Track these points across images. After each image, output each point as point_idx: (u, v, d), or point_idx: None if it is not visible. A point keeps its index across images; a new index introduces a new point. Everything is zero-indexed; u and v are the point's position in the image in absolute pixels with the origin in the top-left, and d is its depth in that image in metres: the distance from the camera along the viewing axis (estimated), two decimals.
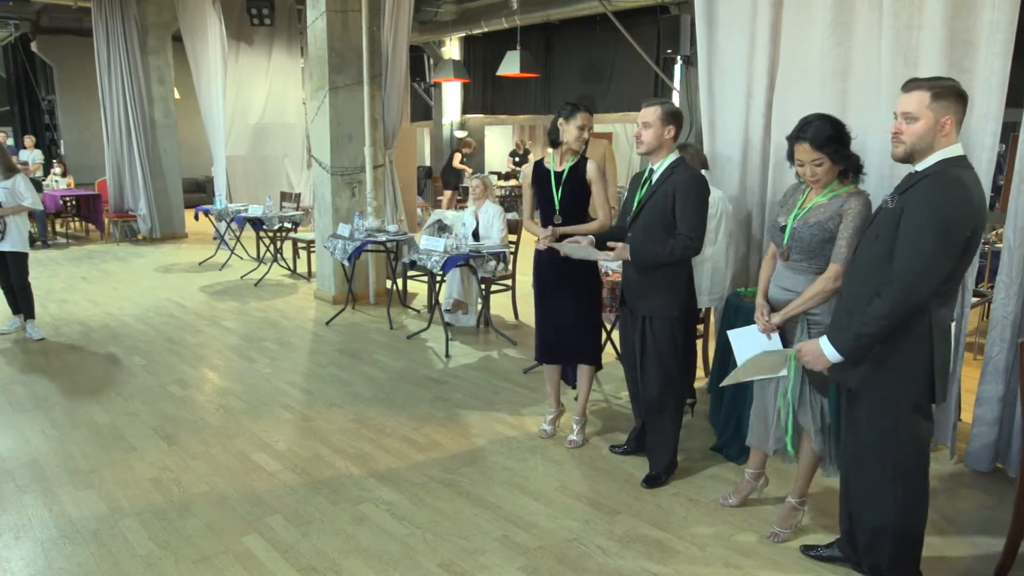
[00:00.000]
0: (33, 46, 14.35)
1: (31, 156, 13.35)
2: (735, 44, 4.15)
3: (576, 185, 3.81)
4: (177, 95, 11.80)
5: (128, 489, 3.62)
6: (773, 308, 3.08)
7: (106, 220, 11.65)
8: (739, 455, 3.86)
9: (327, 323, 6.68)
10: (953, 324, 2.49)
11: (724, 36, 4.19)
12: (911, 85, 2.41)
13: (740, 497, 3.45)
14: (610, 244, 3.46)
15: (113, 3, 10.69)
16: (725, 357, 3.95)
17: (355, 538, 3.20)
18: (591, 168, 3.81)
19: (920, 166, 2.42)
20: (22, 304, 6.13)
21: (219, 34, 10.16)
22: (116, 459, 3.95)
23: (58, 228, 12.07)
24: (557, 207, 3.84)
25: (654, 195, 3.39)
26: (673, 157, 3.41)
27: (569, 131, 3.75)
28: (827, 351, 2.54)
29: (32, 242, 10.88)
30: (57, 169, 12.84)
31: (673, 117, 3.36)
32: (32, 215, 10.86)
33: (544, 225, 3.87)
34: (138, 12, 10.87)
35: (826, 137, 2.78)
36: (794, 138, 2.85)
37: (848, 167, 2.84)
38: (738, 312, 3.80)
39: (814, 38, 3.83)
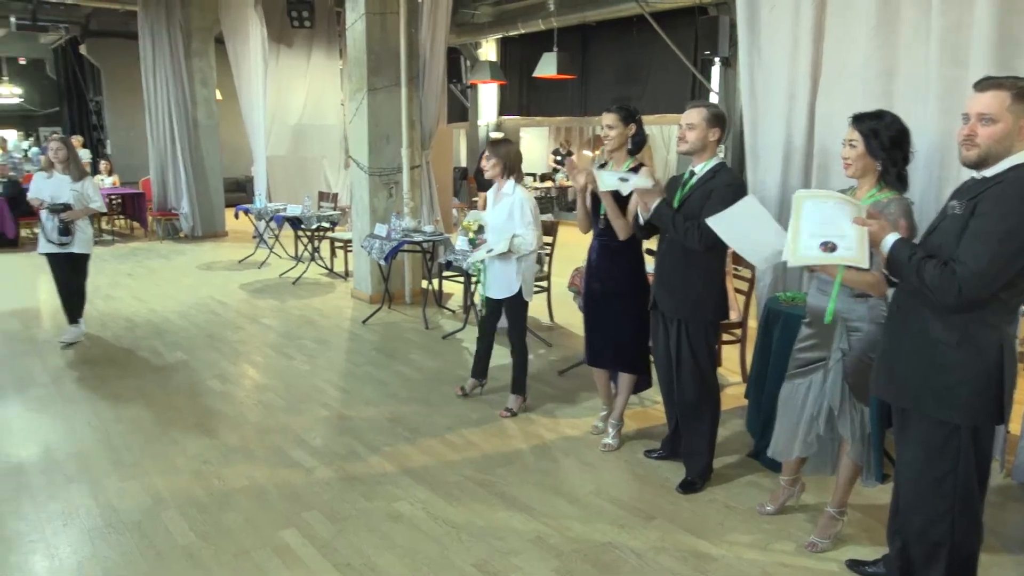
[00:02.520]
0: (82, 49, 14.70)
1: (80, 156, 13.68)
2: (777, 45, 4.10)
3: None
4: (219, 96, 11.99)
5: (170, 481, 3.68)
6: (811, 314, 3.04)
7: (150, 218, 11.89)
8: (777, 464, 3.80)
9: (363, 322, 6.73)
10: None
11: (766, 37, 4.14)
12: (987, 84, 2.25)
13: (777, 505, 3.40)
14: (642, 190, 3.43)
15: (158, 7, 10.91)
16: (763, 363, 3.91)
17: (390, 536, 3.22)
18: (643, 173, 3.75)
19: (990, 171, 2.25)
20: (75, 302, 6.07)
21: (260, 37, 10.30)
22: (158, 451, 4.02)
23: (104, 226, 12.33)
24: (603, 211, 3.80)
25: (691, 197, 3.36)
26: (715, 161, 3.37)
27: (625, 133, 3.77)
28: (889, 240, 2.36)
29: None
30: (104, 168, 13.15)
31: (718, 120, 3.33)
32: None
33: (595, 227, 3.91)
34: (182, 16, 11.07)
35: (871, 128, 2.74)
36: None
37: (886, 168, 2.77)
38: (777, 317, 3.75)
39: (858, 38, 3.76)
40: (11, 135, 17.79)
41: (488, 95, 14.92)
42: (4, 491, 3.59)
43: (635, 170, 3.76)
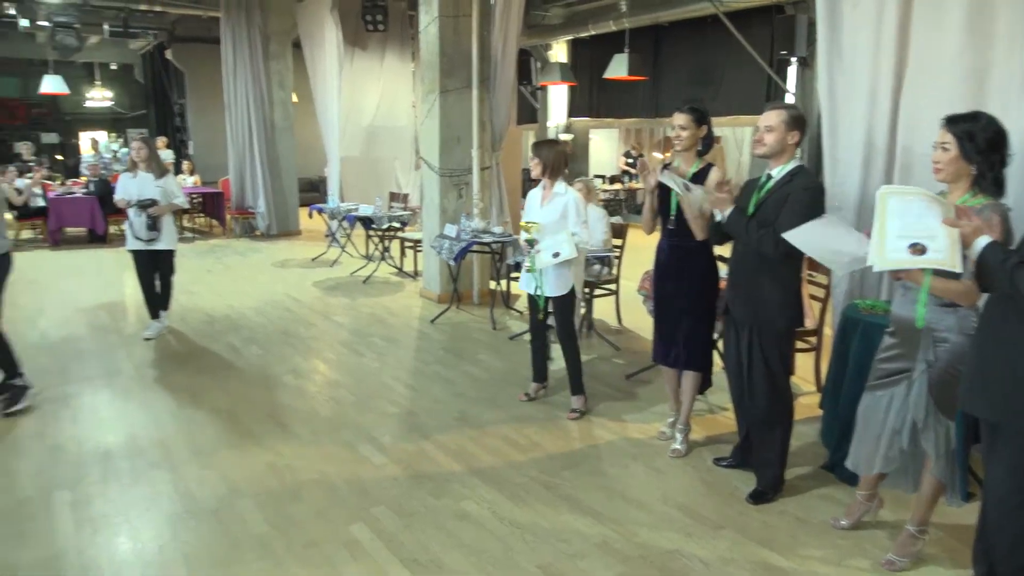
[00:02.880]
0: (168, 54, 15.32)
1: (163, 155, 14.27)
2: (860, 43, 3.97)
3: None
4: (295, 99, 12.32)
5: (245, 471, 3.80)
6: (895, 323, 2.94)
7: (228, 217, 12.31)
8: (853, 477, 3.67)
9: (432, 321, 6.81)
10: None
11: (848, 36, 4.01)
12: None
13: (852, 519, 3.29)
14: (715, 194, 3.39)
15: (239, 12, 11.29)
16: (839, 373, 3.79)
17: (456, 534, 3.25)
18: (712, 177, 3.71)
19: None
20: (162, 295, 6.26)
21: (336, 40, 10.54)
22: (235, 442, 4.16)
23: (185, 224, 12.81)
24: (672, 212, 3.77)
25: (767, 201, 3.29)
26: (794, 163, 3.29)
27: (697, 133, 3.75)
28: (981, 242, 2.25)
29: None
30: (186, 168, 13.68)
31: (798, 122, 3.25)
32: None
33: (664, 227, 3.88)
34: (262, 20, 11.42)
35: (966, 131, 2.62)
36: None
37: (981, 172, 2.65)
38: (856, 326, 3.64)
39: (948, 35, 3.60)
40: (101, 136, 18.66)
41: (558, 97, 14.90)
42: (93, 474, 3.78)
43: (705, 171, 3.72)
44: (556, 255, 4.34)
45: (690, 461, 3.95)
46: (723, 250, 3.78)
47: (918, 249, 2.32)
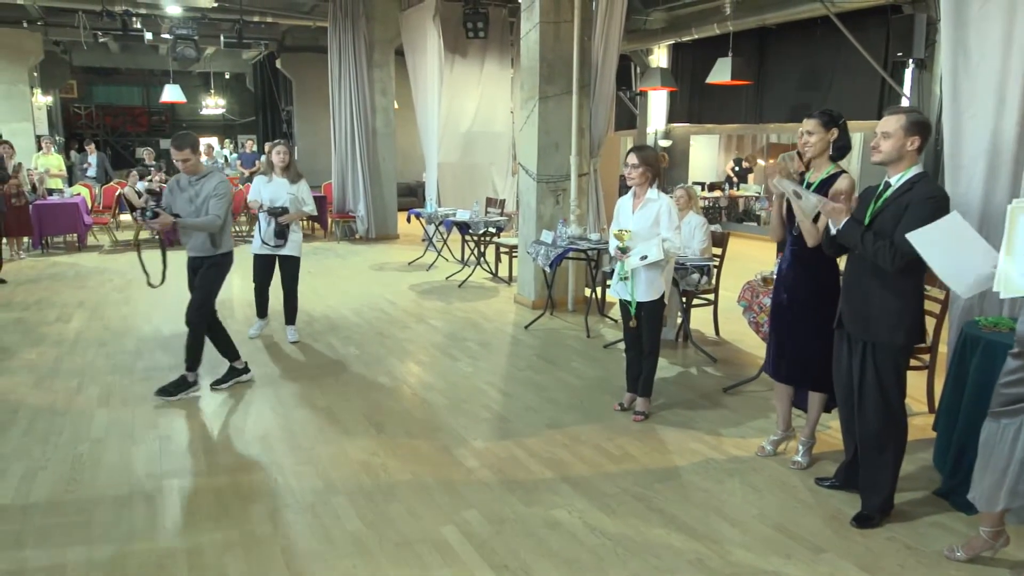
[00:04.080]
0: (277, 63, 16.04)
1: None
2: (988, 43, 3.75)
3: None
4: (396, 105, 12.66)
5: (341, 469, 3.92)
6: (1021, 343, 2.75)
7: (329, 220, 12.75)
8: (969, 505, 3.46)
9: (526, 327, 6.85)
10: None
11: (975, 35, 3.79)
12: None
13: (971, 553, 3.09)
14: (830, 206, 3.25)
15: (346, 21, 11.70)
16: (956, 394, 3.58)
17: (546, 542, 3.25)
18: (841, 183, 3.55)
19: None
20: (288, 306, 6.27)
21: (437, 48, 10.78)
22: (331, 439, 4.30)
23: None
24: (796, 220, 3.67)
25: (885, 211, 3.15)
26: (915, 170, 3.14)
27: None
28: None
29: None
30: None
31: (918, 128, 3.09)
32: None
33: (788, 236, 3.80)
34: (367, 29, 11.81)
35: None
36: None
37: None
38: (976, 344, 3.43)
39: None
40: (213, 142, 19.71)
41: (658, 102, 14.74)
42: (200, 465, 3.98)
43: (835, 177, 3.59)
44: (644, 258, 4.33)
45: (791, 480, 3.82)
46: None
47: None
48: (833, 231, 3.27)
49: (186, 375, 5.03)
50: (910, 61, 8.72)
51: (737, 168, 15.16)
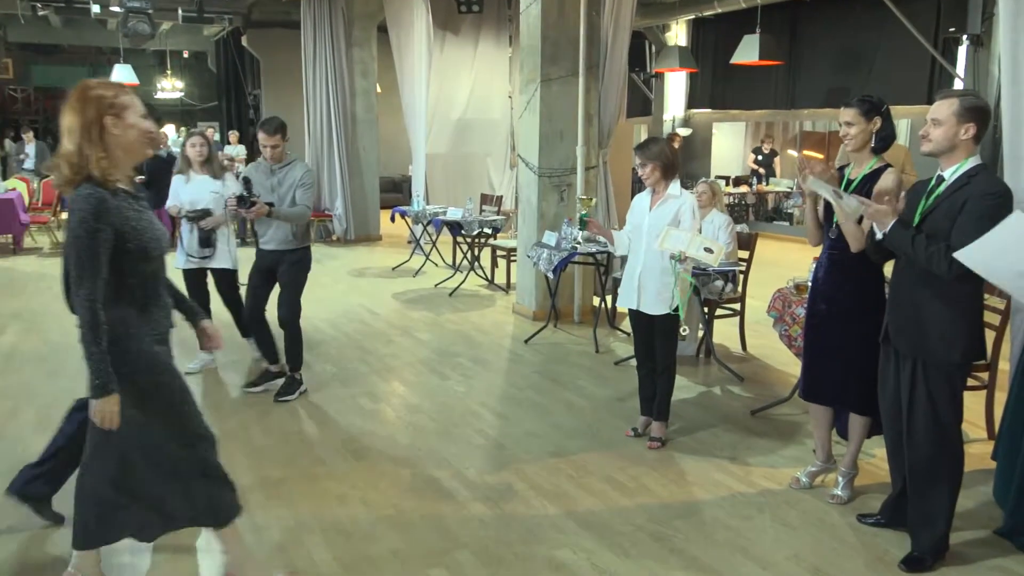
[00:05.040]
0: (243, 40, 16.07)
1: (235, 151, 14.97)
2: None
3: (862, 195, 3.58)
4: (379, 89, 12.69)
5: (315, 503, 3.91)
6: None
7: None
8: None
9: (526, 341, 6.85)
10: None
11: None
12: None
13: None
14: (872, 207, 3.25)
15: None
16: (1018, 418, 3.58)
17: None
18: (886, 180, 3.56)
19: None
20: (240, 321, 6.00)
21: (425, 23, 10.82)
22: (304, 470, 4.28)
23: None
24: (835, 220, 3.66)
25: (937, 209, 3.15)
26: (971, 163, 3.14)
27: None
28: None
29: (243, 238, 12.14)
30: None
31: (973, 113, 3.09)
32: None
33: (826, 238, 3.81)
34: (345, 3, 11.85)
35: None
36: None
37: None
38: None
39: None
40: (169, 130, 19.65)
41: (675, 85, 14.80)
42: None
43: (879, 173, 3.59)
44: (709, 250, 4.30)
45: (829, 517, 3.82)
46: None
47: None
48: (879, 236, 3.26)
49: (293, 375, 5.42)
50: (964, 38, 8.78)
51: (760, 158, 15.12)
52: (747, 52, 10.76)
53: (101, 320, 2.59)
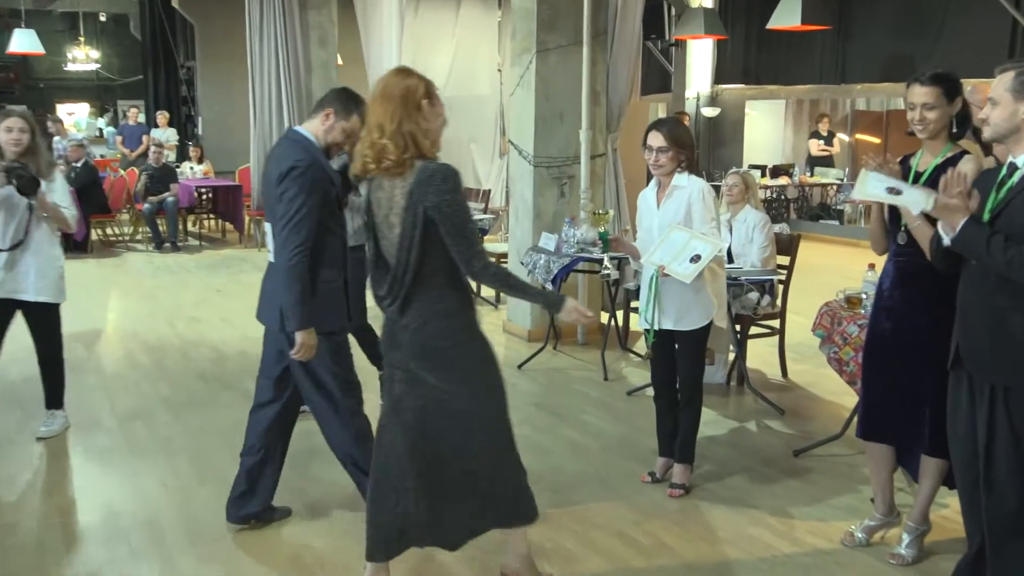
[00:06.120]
0: (174, 2, 16.06)
1: (164, 136, 14.94)
2: None
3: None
4: (340, 61, 12.70)
5: (262, 567, 3.89)
6: None
7: (247, 219, 12.76)
8: None
9: (519, 367, 6.85)
10: None
11: None
12: None
13: None
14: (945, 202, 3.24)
15: None
16: None
17: None
18: (963, 167, 3.51)
19: None
20: (47, 382, 5.38)
21: None
22: (249, 526, 4.26)
23: (190, 227, 13.35)
24: (903, 223, 3.67)
25: (1012, 203, 3.16)
26: None
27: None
28: None
29: (161, 243, 12.15)
30: (192, 154, 14.27)
31: None
32: (164, 209, 12.10)
33: (892, 245, 3.82)
34: None
35: None
36: None
37: None
38: None
39: None
40: (83, 110, 19.57)
41: (701, 56, 14.87)
42: (52, 565, 3.93)
43: (954, 160, 3.59)
44: (696, 258, 4.29)
45: None
46: None
47: None
48: (946, 240, 3.26)
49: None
50: None
51: (823, 141, 14.62)
52: (787, 15, 10.83)
53: None
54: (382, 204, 3.27)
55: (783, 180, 14.25)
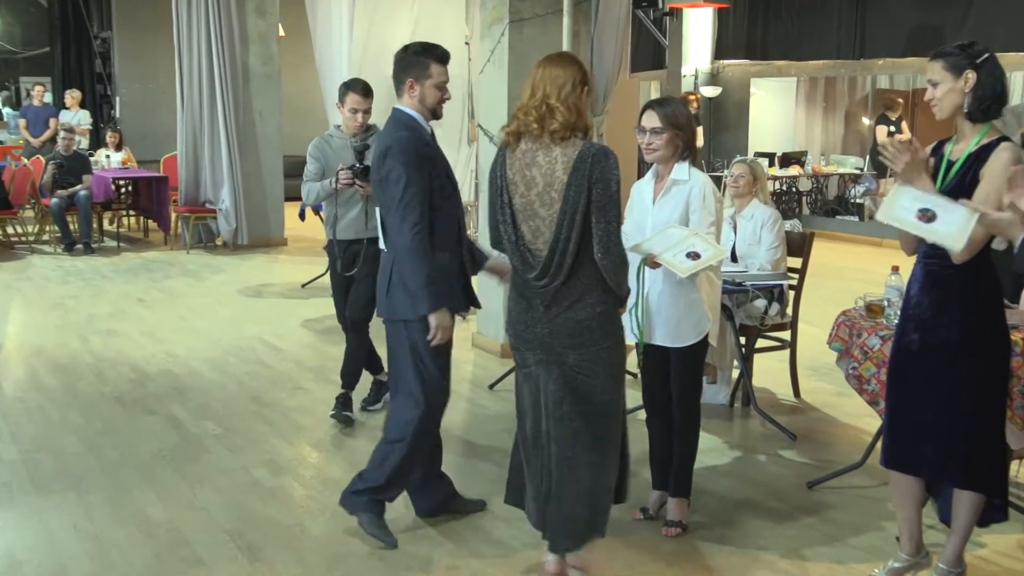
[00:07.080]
0: None
1: (75, 119, 14.80)
2: None
3: (966, 183, 3.60)
4: (281, 32, 12.66)
5: None
6: None
7: (173, 216, 12.67)
8: None
9: (491, 387, 6.85)
10: None
11: None
12: None
13: None
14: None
15: None
16: None
17: None
18: (998, 157, 3.55)
19: None
20: None
21: None
22: (175, 573, 4.23)
23: (107, 225, 13.24)
24: None
25: None
26: None
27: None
28: None
29: (72, 244, 12.04)
30: (110, 140, 14.15)
31: None
32: (75, 204, 12.00)
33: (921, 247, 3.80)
34: None
35: None
36: None
37: None
38: None
39: None
40: None
41: (699, 27, 14.94)
42: None
43: (990, 148, 3.58)
44: (695, 256, 4.29)
45: None
46: None
47: None
48: (999, 248, 3.26)
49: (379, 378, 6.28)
50: None
51: (894, 129, 14.10)
52: None
53: None
54: (535, 181, 3.66)
55: (794, 170, 14.12)
